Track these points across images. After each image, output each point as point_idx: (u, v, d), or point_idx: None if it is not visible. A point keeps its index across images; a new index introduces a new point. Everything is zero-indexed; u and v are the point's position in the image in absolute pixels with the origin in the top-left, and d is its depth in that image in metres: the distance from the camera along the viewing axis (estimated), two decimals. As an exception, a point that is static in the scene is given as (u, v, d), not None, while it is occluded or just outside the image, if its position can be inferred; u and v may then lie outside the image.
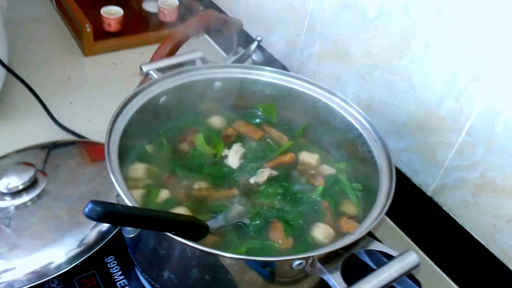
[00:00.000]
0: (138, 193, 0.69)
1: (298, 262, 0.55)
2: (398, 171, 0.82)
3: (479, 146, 0.69)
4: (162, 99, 0.75)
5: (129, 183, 0.71)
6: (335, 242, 0.59)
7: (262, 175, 0.73)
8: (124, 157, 0.72)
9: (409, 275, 0.79)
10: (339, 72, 0.90)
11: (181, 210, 0.67)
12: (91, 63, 1.19)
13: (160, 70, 0.77)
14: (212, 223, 0.62)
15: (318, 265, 0.56)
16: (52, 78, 1.11)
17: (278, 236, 0.66)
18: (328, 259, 0.57)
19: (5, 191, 0.71)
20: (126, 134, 0.68)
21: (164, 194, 0.70)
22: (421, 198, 0.80)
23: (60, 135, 0.96)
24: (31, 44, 1.21)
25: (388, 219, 0.86)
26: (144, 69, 0.76)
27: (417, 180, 0.80)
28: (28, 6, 1.35)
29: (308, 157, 0.78)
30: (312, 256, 0.56)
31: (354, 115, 0.75)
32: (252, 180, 0.73)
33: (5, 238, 0.68)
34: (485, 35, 0.65)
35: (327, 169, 0.77)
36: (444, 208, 0.77)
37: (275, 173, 0.74)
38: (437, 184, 0.77)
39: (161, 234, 0.57)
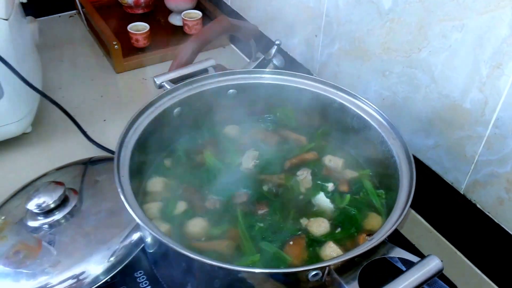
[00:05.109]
0: (156, 206, 0.67)
1: (314, 272, 0.51)
2: (428, 169, 0.77)
3: (509, 138, 0.62)
4: (176, 111, 0.72)
5: (148, 197, 0.69)
6: (352, 249, 0.54)
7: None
8: (142, 171, 0.71)
9: (442, 277, 0.74)
10: (359, 71, 0.84)
11: (199, 221, 0.65)
12: (123, 79, 1.18)
13: (174, 81, 0.74)
14: None
15: (335, 275, 0.52)
16: (86, 97, 1.11)
17: (295, 252, 0.62)
18: (345, 269, 0.52)
19: (37, 210, 0.71)
20: (139, 148, 0.66)
21: (181, 206, 0.67)
22: (454, 196, 0.73)
23: (96, 152, 0.96)
24: (65, 65, 1.22)
25: (422, 219, 0.80)
26: (157, 81, 0.73)
27: (448, 177, 0.74)
28: (60, 29, 1.37)
29: (332, 161, 0.73)
30: (328, 266, 0.52)
31: (371, 114, 0.69)
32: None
33: (45, 255, 0.68)
34: (504, 18, 0.58)
35: (351, 174, 0.72)
36: (478, 206, 0.70)
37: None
38: (469, 181, 0.70)
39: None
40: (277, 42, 0.93)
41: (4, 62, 0.84)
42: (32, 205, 0.70)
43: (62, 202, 0.72)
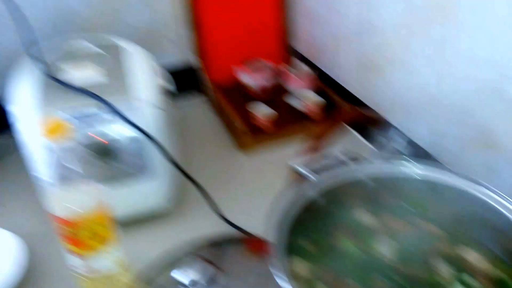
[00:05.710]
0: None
1: None
2: None
3: None
4: (315, 198, 0.78)
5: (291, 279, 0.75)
6: None
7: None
8: (286, 254, 0.76)
9: None
10: (490, 161, 0.86)
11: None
12: (247, 158, 1.26)
13: (307, 167, 0.82)
14: None
15: None
16: (213, 175, 1.19)
17: None
18: None
19: (188, 284, 0.78)
20: (284, 231, 0.71)
21: (323, 289, 0.72)
22: None
23: (226, 230, 1.02)
24: (195, 146, 1.32)
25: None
26: (293, 167, 0.81)
27: None
28: (189, 111, 1.50)
29: (471, 255, 0.75)
30: None
31: (509, 208, 0.71)
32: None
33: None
34: None
35: (490, 268, 0.73)
36: None
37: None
38: None
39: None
40: (399, 128, 0.97)
41: (161, 148, 0.96)
42: (181, 278, 0.79)
43: (211, 280, 0.79)
